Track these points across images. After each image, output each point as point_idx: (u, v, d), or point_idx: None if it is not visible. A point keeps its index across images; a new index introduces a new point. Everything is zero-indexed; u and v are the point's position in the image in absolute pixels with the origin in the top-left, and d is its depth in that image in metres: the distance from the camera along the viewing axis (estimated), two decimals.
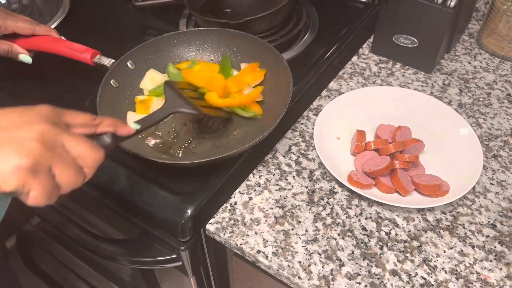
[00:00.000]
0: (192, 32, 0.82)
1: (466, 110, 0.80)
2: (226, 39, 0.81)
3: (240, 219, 0.66)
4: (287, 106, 0.67)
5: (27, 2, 1.03)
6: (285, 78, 0.72)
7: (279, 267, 0.61)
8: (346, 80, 0.85)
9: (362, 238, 0.64)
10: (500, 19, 0.85)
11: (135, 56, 0.78)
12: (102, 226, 0.86)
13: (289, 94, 0.69)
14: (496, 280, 0.59)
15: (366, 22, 0.92)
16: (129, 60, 0.78)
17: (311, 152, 0.74)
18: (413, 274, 0.60)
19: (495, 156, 0.73)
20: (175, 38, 0.81)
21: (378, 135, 0.74)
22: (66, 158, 0.43)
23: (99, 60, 0.77)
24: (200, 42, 0.82)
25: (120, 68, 0.76)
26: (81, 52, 0.77)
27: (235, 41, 0.81)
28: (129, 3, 0.99)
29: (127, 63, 0.78)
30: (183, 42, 0.82)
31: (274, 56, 0.76)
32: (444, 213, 0.66)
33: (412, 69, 0.88)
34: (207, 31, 0.82)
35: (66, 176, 0.43)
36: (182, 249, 0.66)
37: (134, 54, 0.78)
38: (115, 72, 0.75)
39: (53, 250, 1.22)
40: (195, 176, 0.67)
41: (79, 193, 0.72)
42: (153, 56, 0.80)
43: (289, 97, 0.68)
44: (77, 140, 0.44)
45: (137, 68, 0.79)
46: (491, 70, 0.87)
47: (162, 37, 0.80)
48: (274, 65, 0.76)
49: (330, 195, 0.69)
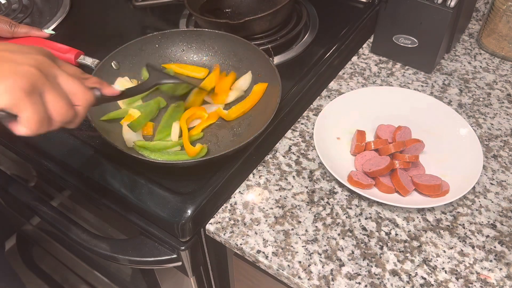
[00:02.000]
0: (176, 33, 0.82)
1: (466, 110, 0.80)
2: (210, 39, 0.81)
3: (240, 219, 0.66)
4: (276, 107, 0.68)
5: (27, 2, 1.03)
6: (274, 79, 0.73)
7: (279, 267, 0.61)
8: (346, 80, 0.85)
9: (362, 238, 0.64)
10: (500, 19, 0.85)
11: (119, 56, 0.78)
12: (102, 226, 0.86)
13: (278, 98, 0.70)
14: (496, 280, 0.59)
15: (366, 22, 0.92)
16: (113, 60, 0.77)
17: (311, 152, 0.74)
18: (413, 274, 0.60)
19: (495, 156, 0.73)
20: (158, 39, 0.81)
21: (378, 135, 0.74)
22: (59, 89, 0.46)
23: (82, 60, 0.76)
24: (185, 42, 0.82)
25: (104, 68, 0.76)
26: (64, 52, 0.77)
27: (219, 42, 0.81)
28: (129, 3, 0.99)
29: (112, 63, 0.77)
30: (167, 43, 0.82)
31: (260, 56, 0.76)
32: (444, 213, 0.66)
33: (412, 69, 0.88)
34: (191, 31, 0.82)
35: (58, 105, 0.45)
36: (182, 249, 0.66)
37: (118, 55, 0.78)
38: (99, 72, 0.75)
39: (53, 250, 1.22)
40: (195, 176, 0.67)
41: (79, 193, 0.72)
42: (137, 56, 0.80)
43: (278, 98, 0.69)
44: (70, 77, 0.47)
45: (122, 69, 0.78)
46: (491, 70, 0.87)
47: (146, 37, 0.80)
48: (261, 66, 0.76)
49: (330, 195, 0.69)
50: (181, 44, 0.82)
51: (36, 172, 0.81)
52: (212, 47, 0.82)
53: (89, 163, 0.70)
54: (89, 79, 0.52)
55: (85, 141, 0.72)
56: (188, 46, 0.82)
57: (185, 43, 0.82)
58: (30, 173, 0.82)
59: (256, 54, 0.77)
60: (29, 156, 0.75)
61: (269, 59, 0.75)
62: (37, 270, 1.33)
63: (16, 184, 0.83)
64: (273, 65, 0.74)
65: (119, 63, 0.78)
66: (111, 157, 0.70)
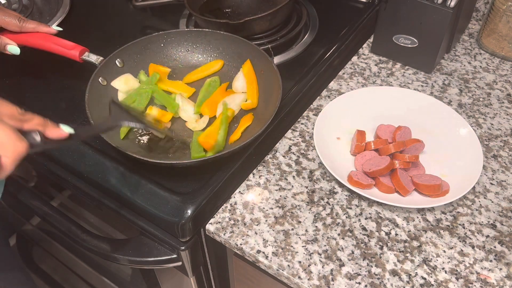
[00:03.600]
0: (181, 33, 0.82)
1: (466, 110, 0.80)
2: (215, 40, 0.81)
3: (240, 219, 0.66)
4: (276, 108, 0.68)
5: (27, 2, 1.03)
6: (275, 79, 0.72)
7: (279, 267, 0.61)
8: (346, 80, 0.85)
9: (362, 238, 0.64)
10: (500, 19, 0.85)
11: (124, 54, 0.78)
12: (102, 226, 0.86)
13: (279, 96, 0.70)
14: (496, 280, 0.59)
15: (366, 22, 0.92)
16: (117, 58, 0.78)
17: (311, 152, 0.74)
18: (413, 274, 0.60)
19: (495, 156, 0.73)
20: (164, 38, 0.81)
21: (378, 135, 0.74)
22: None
23: (87, 57, 0.77)
24: (189, 42, 0.82)
25: (109, 66, 0.76)
26: (69, 49, 0.77)
27: (224, 43, 0.81)
28: (129, 3, 0.99)
29: (116, 61, 0.78)
30: (172, 42, 0.82)
31: (263, 57, 0.76)
32: (444, 213, 0.66)
33: (412, 69, 0.88)
34: (196, 32, 0.82)
35: None
36: (182, 249, 0.66)
37: (123, 53, 0.78)
38: (103, 69, 0.75)
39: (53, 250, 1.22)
40: (195, 176, 0.67)
41: (79, 193, 0.72)
42: (141, 55, 0.80)
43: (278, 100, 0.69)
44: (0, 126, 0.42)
45: (126, 67, 0.79)
46: (491, 70, 0.87)
47: (151, 36, 0.80)
48: (263, 67, 0.76)
49: (330, 195, 0.69)
50: (186, 44, 0.82)
51: (36, 172, 0.81)
52: (217, 47, 0.82)
53: (89, 163, 0.70)
54: (30, 120, 0.47)
55: (85, 141, 0.72)
56: (194, 46, 0.83)
57: (190, 43, 0.82)
58: (30, 173, 0.82)
59: (259, 56, 0.77)
60: (29, 156, 0.75)
61: (272, 61, 0.75)
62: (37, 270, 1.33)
63: (16, 184, 0.83)
64: (275, 67, 0.74)
65: (124, 61, 0.78)
66: (111, 157, 0.70)
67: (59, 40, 0.78)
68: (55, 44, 0.77)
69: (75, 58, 0.77)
